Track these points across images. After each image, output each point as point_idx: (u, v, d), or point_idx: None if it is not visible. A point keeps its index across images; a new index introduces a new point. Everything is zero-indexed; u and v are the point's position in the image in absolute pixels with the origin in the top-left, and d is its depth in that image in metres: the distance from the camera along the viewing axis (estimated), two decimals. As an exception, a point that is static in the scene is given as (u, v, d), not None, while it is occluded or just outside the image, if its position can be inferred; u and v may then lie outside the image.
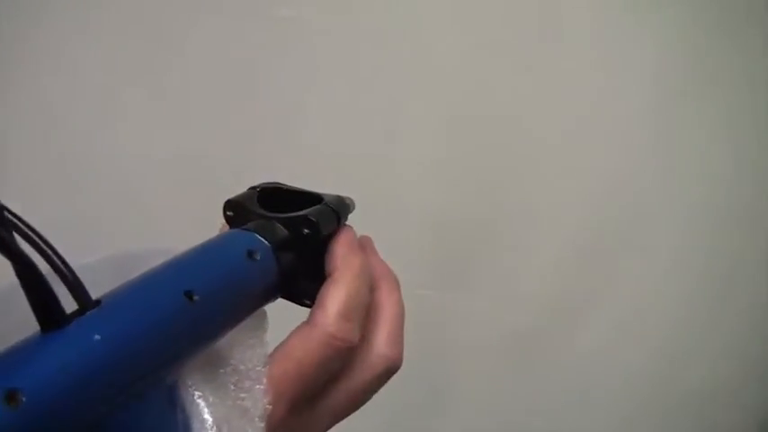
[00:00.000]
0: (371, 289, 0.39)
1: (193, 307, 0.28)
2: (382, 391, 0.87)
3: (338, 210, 0.36)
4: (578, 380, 0.95)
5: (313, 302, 0.36)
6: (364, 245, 0.41)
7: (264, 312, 0.36)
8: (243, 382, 0.33)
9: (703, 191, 0.88)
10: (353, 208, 0.38)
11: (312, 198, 0.37)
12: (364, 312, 0.37)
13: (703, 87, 0.84)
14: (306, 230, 0.34)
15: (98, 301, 0.26)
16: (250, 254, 0.32)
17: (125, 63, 0.76)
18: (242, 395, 0.32)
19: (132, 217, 0.71)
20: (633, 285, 0.90)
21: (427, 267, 0.88)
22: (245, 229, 0.33)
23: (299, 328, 0.35)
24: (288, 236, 0.34)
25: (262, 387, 0.33)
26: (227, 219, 0.36)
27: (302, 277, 0.35)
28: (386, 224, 0.85)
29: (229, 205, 0.36)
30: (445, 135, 0.85)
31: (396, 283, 0.40)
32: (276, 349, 0.34)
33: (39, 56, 0.73)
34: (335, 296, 0.35)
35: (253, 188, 0.38)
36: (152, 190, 0.77)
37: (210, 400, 0.30)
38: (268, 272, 0.33)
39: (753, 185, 0.89)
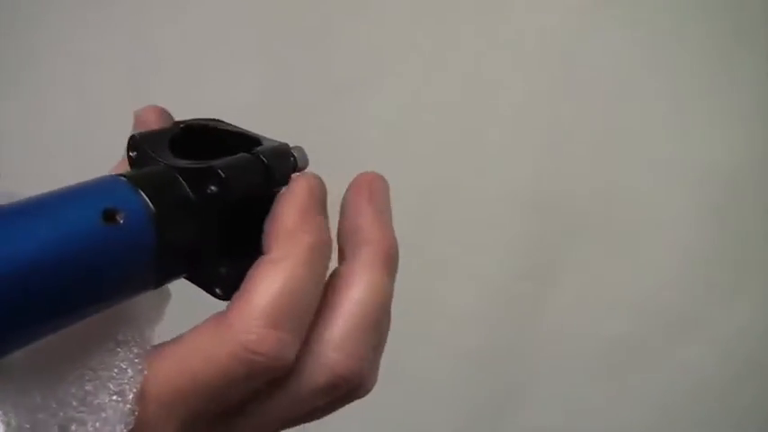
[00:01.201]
0: (343, 258, 0.27)
1: None
2: (457, 383, 0.78)
3: (270, 162, 0.25)
4: (670, 397, 0.82)
5: (227, 294, 0.25)
6: (367, 189, 0.28)
7: (165, 294, 0.26)
8: (97, 395, 0.23)
9: None
10: (303, 164, 0.27)
11: (251, 144, 0.27)
12: (308, 317, 0.25)
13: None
14: (212, 188, 0.24)
15: None
16: (108, 215, 0.22)
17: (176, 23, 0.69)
18: (85, 417, 0.22)
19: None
20: (748, 306, 0.75)
21: (521, 257, 0.79)
22: (120, 177, 0.23)
23: (208, 321, 0.24)
24: (187, 195, 0.24)
25: (125, 405, 0.23)
26: (130, 162, 0.26)
27: (213, 256, 0.25)
28: (480, 207, 0.77)
29: (133, 143, 0.26)
30: (545, 108, 0.75)
31: (384, 258, 0.26)
32: (167, 345, 0.24)
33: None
34: (266, 287, 0.24)
35: (177, 123, 0.28)
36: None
37: (14, 424, 0.20)
38: (138, 244, 0.22)
39: None
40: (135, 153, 0.26)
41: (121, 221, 0.22)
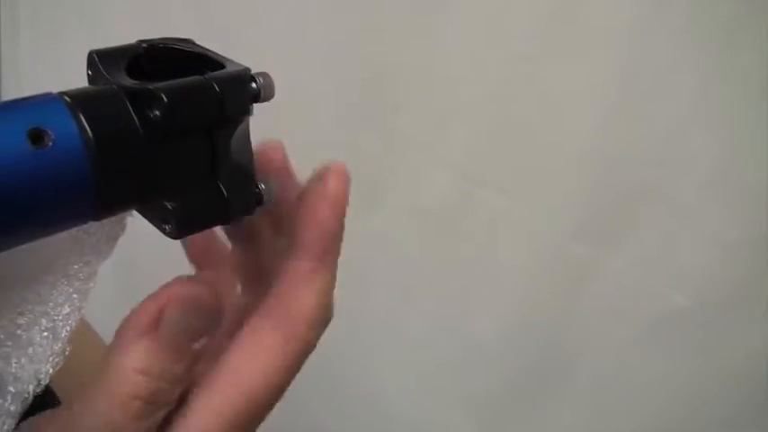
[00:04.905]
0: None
1: None
2: (503, 344, 0.74)
3: (223, 90, 0.22)
4: (723, 376, 0.75)
5: (175, 231, 0.23)
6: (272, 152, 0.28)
7: (117, 226, 0.24)
8: (28, 329, 0.22)
9: None
10: (268, 93, 0.24)
11: (214, 68, 0.24)
12: None
13: None
14: (155, 113, 0.21)
15: None
16: (35, 135, 0.20)
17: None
18: (9, 351, 0.21)
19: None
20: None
21: (578, 216, 0.72)
22: (56, 95, 0.21)
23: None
24: (131, 120, 0.21)
25: (56, 344, 0.22)
26: (89, 81, 0.24)
27: (160, 189, 0.22)
28: (538, 154, 0.71)
29: (92, 61, 0.24)
30: (627, 58, 0.68)
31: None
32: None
33: None
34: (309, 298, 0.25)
35: (140, 41, 0.25)
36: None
37: None
38: (70, 171, 0.20)
39: None
40: (91, 72, 0.24)
41: (50, 144, 0.20)
